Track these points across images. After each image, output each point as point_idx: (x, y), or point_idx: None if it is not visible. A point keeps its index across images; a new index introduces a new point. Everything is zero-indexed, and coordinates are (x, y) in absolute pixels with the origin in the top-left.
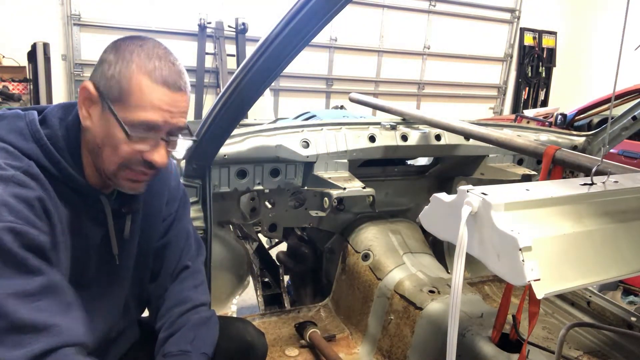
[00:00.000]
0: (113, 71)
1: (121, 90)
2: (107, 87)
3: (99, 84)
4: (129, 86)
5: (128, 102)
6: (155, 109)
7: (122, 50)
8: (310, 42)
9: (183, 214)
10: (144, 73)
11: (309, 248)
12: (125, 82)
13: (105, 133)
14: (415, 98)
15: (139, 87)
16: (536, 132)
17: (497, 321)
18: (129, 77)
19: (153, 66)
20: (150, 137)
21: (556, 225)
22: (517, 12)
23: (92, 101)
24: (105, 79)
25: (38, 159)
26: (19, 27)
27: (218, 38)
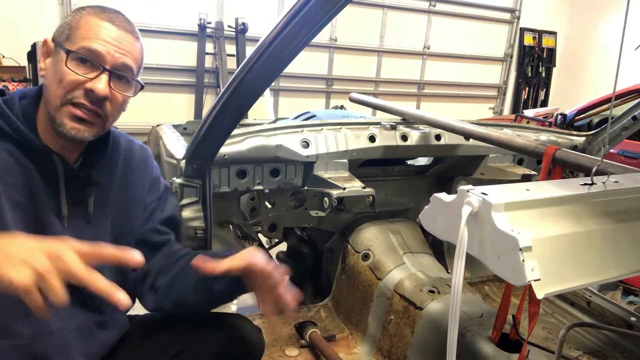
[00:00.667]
0: (65, 19)
1: (70, 29)
2: (59, 31)
3: (54, 35)
4: (78, 24)
5: (75, 36)
6: (99, 40)
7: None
8: (310, 42)
9: (169, 206)
10: (93, 14)
11: (309, 248)
12: (75, 22)
13: (53, 69)
14: (415, 98)
15: (86, 23)
16: (536, 132)
17: (497, 321)
18: (79, 18)
19: (101, 10)
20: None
21: (556, 225)
22: (517, 12)
23: (49, 52)
24: (59, 28)
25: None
26: (19, 27)
27: (218, 38)
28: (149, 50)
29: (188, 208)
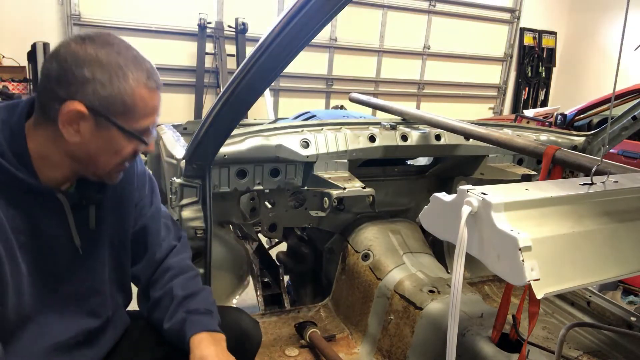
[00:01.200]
0: (111, 90)
1: (125, 105)
2: (107, 105)
3: (90, 102)
4: (133, 101)
5: (134, 114)
6: (155, 111)
7: (107, 64)
8: (310, 42)
9: (154, 197)
10: (142, 85)
11: (309, 248)
12: (129, 98)
13: (104, 143)
14: (415, 98)
15: (142, 99)
16: (536, 132)
17: (497, 321)
18: (131, 93)
19: (145, 75)
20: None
21: (556, 225)
22: (517, 12)
23: (82, 118)
24: (101, 98)
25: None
26: (19, 27)
27: (218, 38)
28: (149, 50)
29: (188, 208)
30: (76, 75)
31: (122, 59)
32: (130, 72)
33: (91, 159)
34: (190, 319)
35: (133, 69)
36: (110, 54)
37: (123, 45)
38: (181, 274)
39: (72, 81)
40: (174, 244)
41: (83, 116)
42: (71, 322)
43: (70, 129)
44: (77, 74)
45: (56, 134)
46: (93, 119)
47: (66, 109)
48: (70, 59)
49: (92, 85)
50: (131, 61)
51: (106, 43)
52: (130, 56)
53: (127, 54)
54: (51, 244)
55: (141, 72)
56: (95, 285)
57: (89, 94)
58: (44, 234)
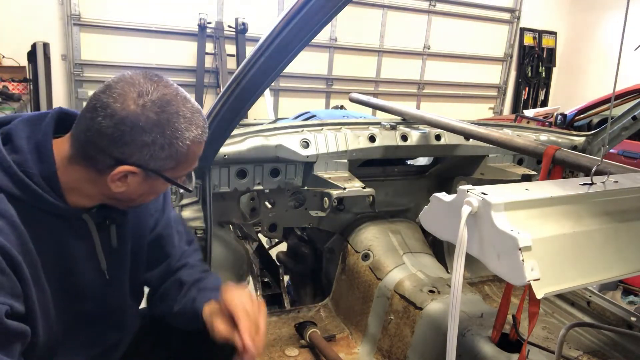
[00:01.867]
0: (169, 153)
1: (178, 161)
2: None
3: (146, 164)
4: (187, 158)
5: (183, 166)
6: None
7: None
8: (310, 42)
9: (167, 205)
10: (197, 143)
11: (309, 248)
12: (182, 156)
13: (147, 190)
14: (415, 98)
15: (193, 154)
16: (536, 132)
17: (497, 321)
18: (186, 151)
19: (200, 131)
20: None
21: (556, 225)
22: (517, 12)
23: (133, 175)
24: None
25: (7, 189)
26: (19, 27)
27: (218, 38)
28: (149, 50)
29: (188, 208)
30: (135, 139)
31: (182, 119)
32: (188, 132)
33: (131, 200)
34: (200, 295)
35: (191, 127)
36: (171, 117)
37: (180, 100)
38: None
39: (129, 144)
40: (185, 249)
41: (134, 173)
42: (97, 341)
43: (119, 183)
44: (136, 138)
45: (99, 180)
46: (144, 173)
47: (119, 170)
48: (130, 124)
49: (151, 150)
50: (189, 120)
51: (166, 102)
52: (188, 114)
53: (185, 112)
54: (75, 265)
55: (197, 130)
56: (119, 302)
57: (146, 157)
58: (69, 254)
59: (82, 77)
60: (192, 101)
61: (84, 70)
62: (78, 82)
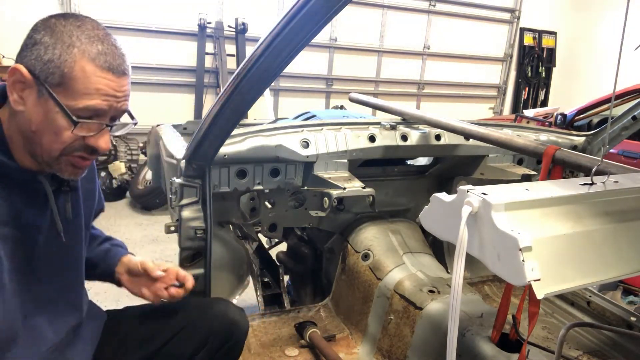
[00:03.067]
0: (52, 55)
1: (63, 75)
2: (46, 72)
3: (33, 67)
4: (72, 72)
5: (72, 89)
6: (101, 94)
7: (59, 31)
8: (310, 42)
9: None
10: (88, 58)
11: (309, 248)
12: (68, 67)
13: (43, 119)
14: (415, 98)
15: (83, 73)
16: (536, 132)
17: (497, 321)
18: (72, 62)
19: (97, 50)
20: (95, 122)
21: (556, 225)
22: (517, 12)
23: (26, 84)
24: (42, 63)
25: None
26: (19, 27)
27: (218, 38)
28: (149, 50)
29: (188, 208)
30: (30, 40)
31: (79, 31)
32: (79, 41)
33: (34, 137)
34: (115, 248)
35: (85, 41)
36: (69, 25)
37: (91, 23)
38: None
39: (27, 45)
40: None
41: (25, 81)
42: (61, 320)
43: (15, 94)
44: (32, 38)
45: (11, 107)
46: (36, 87)
47: (11, 70)
48: (35, 26)
49: (37, 49)
50: (88, 35)
51: (74, 17)
52: (92, 33)
53: (88, 30)
54: (33, 234)
55: (92, 47)
56: (77, 276)
57: (32, 57)
58: (26, 223)
59: None
60: (111, 35)
61: None
62: None
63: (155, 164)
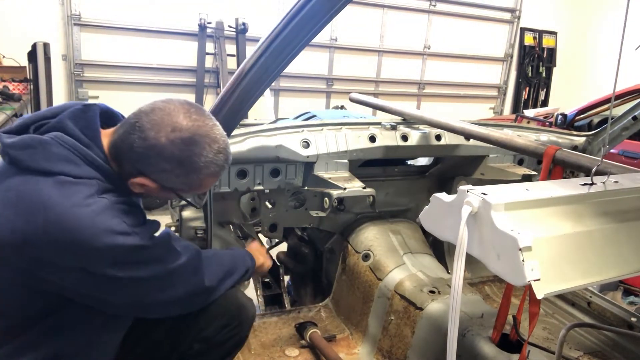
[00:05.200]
0: (184, 181)
1: (191, 187)
2: (177, 186)
3: (161, 182)
4: (199, 186)
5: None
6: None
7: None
8: (310, 42)
9: None
10: (210, 176)
11: (309, 248)
12: (196, 185)
13: (161, 197)
14: (416, 98)
15: (207, 183)
16: (536, 132)
17: (498, 321)
18: (199, 183)
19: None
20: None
21: (556, 225)
22: (517, 12)
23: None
24: (172, 183)
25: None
26: (19, 27)
27: (218, 38)
28: (150, 50)
29: (188, 208)
30: (157, 163)
31: (203, 158)
32: (206, 169)
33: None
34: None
35: (210, 165)
36: (193, 156)
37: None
38: None
39: (152, 165)
40: None
41: (151, 185)
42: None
43: (137, 187)
44: (159, 164)
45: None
46: (160, 187)
47: (139, 181)
48: (156, 151)
49: (168, 175)
50: (210, 160)
51: (193, 143)
52: (212, 152)
53: (209, 149)
54: None
55: (215, 167)
56: None
57: (162, 178)
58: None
59: (82, 77)
60: (220, 140)
61: (84, 70)
62: (78, 82)
63: None
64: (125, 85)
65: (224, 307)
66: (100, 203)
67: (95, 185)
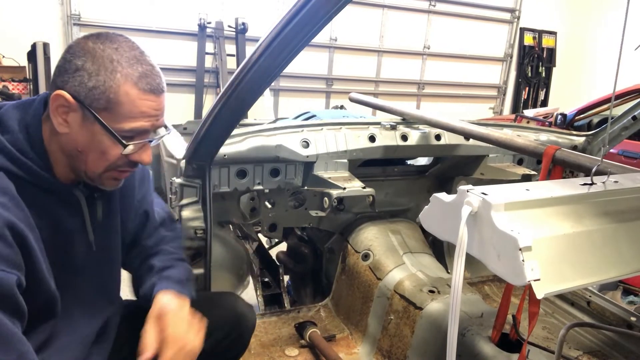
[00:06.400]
0: (96, 82)
1: (109, 100)
2: (91, 97)
3: (77, 93)
4: (117, 97)
5: (117, 112)
6: (145, 116)
7: (99, 56)
8: (310, 42)
9: (149, 187)
10: (132, 83)
11: (309, 248)
12: (113, 93)
13: (89, 140)
14: (415, 98)
15: (128, 97)
16: (536, 132)
17: (497, 321)
18: (116, 87)
19: (138, 73)
20: (140, 142)
21: (556, 225)
22: (517, 12)
23: (70, 109)
24: (86, 89)
25: (5, 167)
26: (19, 27)
27: (218, 38)
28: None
29: (188, 208)
30: (70, 65)
31: (118, 54)
32: (120, 66)
33: (80, 155)
34: (160, 282)
35: (126, 65)
36: (107, 49)
37: (127, 44)
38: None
39: (67, 70)
40: (164, 235)
41: (70, 106)
42: (94, 315)
43: (59, 118)
44: (72, 63)
45: (54, 130)
46: (80, 111)
47: (54, 96)
48: (72, 50)
49: (80, 75)
50: (127, 58)
51: (109, 39)
52: (130, 55)
53: (126, 52)
54: (68, 239)
55: (133, 71)
56: (110, 274)
57: (76, 83)
58: (62, 229)
59: None
60: (145, 54)
61: None
62: None
63: (155, 164)
64: None
65: (222, 318)
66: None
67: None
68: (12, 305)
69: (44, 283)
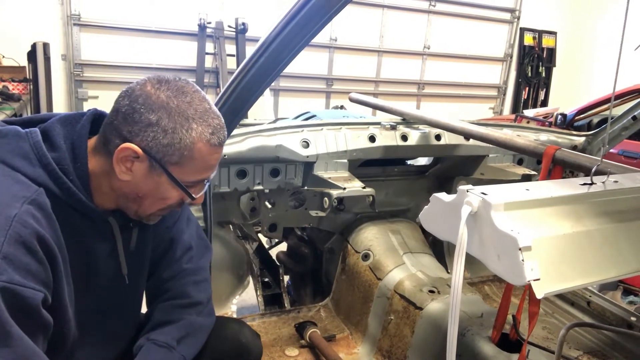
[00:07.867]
0: (171, 139)
1: (182, 156)
2: (164, 152)
3: (149, 147)
4: (192, 153)
5: (188, 167)
6: (212, 167)
7: (174, 113)
8: (310, 42)
9: (182, 215)
10: (205, 140)
11: (309, 248)
12: (188, 151)
13: (153, 188)
14: (415, 98)
15: (200, 153)
16: (536, 132)
17: (497, 321)
18: (191, 145)
19: (211, 129)
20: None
21: (556, 225)
22: (517, 12)
23: (138, 160)
24: (160, 145)
25: (47, 185)
26: (19, 27)
27: (218, 38)
28: (149, 50)
29: None
30: (142, 118)
31: (192, 110)
32: (195, 124)
33: (137, 199)
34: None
35: (200, 122)
36: (181, 104)
37: (197, 96)
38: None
39: (137, 122)
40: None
41: (138, 157)
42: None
43: (123, 166)
44: (144, 116)
45: (111, 167)
46: (147, 161)
47: (122, 148)
48: (142, 100)
49: (155, 131)
50: (200, 114)
51: (181, 92)
52: (201, 109)
53: (198, 106)
54: (96, 264)
55: (206, 127)
56: (134, 302)
57: (149, 138)
58: (91, 253)
59: (82, 77)
60: (211, 105)
61: (84, 70)
62: (78, 82)
63: None
64: (125, 85)
65: (224, 352)
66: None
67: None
68: (37, 324)
69: (62, 307)
